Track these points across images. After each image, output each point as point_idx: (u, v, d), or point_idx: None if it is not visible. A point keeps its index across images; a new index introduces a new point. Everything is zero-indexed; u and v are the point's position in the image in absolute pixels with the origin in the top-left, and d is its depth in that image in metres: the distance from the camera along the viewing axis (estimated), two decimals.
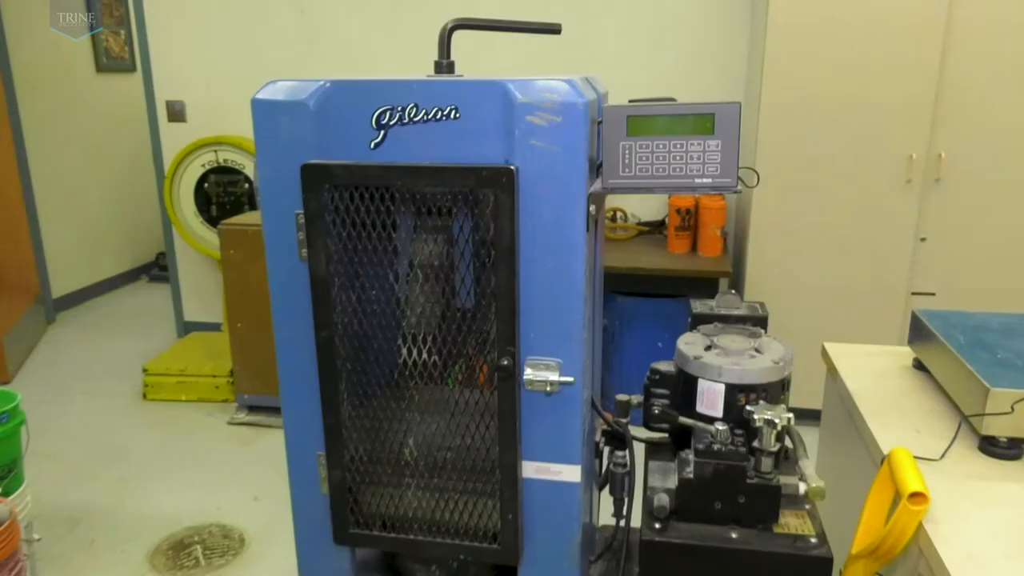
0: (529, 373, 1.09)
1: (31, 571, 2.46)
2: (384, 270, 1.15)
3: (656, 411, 1.23)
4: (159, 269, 6.10)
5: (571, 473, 1.15)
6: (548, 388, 1.09)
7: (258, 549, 2.81)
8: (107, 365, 4.54)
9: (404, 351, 1.15)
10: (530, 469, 1.15)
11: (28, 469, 2.53)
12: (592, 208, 1.07)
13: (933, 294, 3.14)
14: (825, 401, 1.90)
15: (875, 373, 1.67)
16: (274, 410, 3.75)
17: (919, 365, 1.68)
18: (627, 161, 1.06)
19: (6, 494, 2.31)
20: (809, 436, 1.27)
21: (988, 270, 3.13)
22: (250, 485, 3.22)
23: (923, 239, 3.12)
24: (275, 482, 3.24)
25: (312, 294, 1.11)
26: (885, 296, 3.17)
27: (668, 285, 3.25)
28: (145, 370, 4.01)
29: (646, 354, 1.30)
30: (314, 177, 1.06)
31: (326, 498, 1.22)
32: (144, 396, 4.02)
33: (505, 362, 1.07)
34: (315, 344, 1.14)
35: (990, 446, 1.32)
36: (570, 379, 1.09)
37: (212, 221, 4.46)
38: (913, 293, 3.16)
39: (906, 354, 1.75)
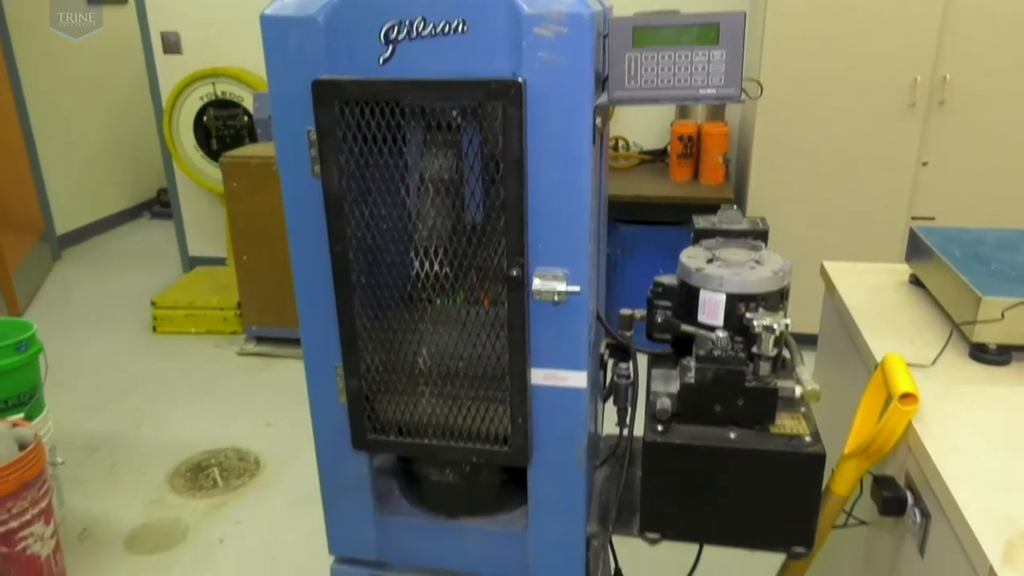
0: (537, 283, 1.13)
1: (57, 492, 2.56)
2: (395, 185, 1.18)
3: (659, 319, 1.28)
4: (161, 206, 6.11)
5: (577, 379, 1.20)
6: (555, 298, 1.13)
7: (273, 470, 2.92)
8: (115, 300, 4.60)
9: (416, 264, 1.19)
10: (538, 376, 1.20)
11: (46, 399, 2.61)
12: (598, 120, 1.09)
13: (933, 219, 3.17)
14: (822, 319, 1.95)
15: (872, 288, 1.72)
16: (282, 341, 3.82)
17: (915, 281, 1.72)
18: (633, 73, 1.08)
19: (28, 419, 2.39)
20: (806, 360, 1.31)
21: (989, 195, 3.15)
22: (262, 412, 3.32)
23: (925, 163, 3.13)
24: (286, 409, 3.34)
25: (326, 209, 1.14)
26: (885, 221, 3.20)
27: (670, 212, 3.28)
28: (153, 303, 4.08)
29: (649, 281, 1.34)
30: (325, 92, 1.08)
31: (343, 408, 1.28)
32: (154, 329, 4.10)
33: (514, 273, 1.11)
34: (330, 259, 1.17)
35: (980, 353, 1.37)
36: (576, 288, 1.13)
37: (213, 155, 4.46)
38: (913, 218, 3.19)
39: (903, 271, 1.79)
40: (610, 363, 1.42)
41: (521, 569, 1.34)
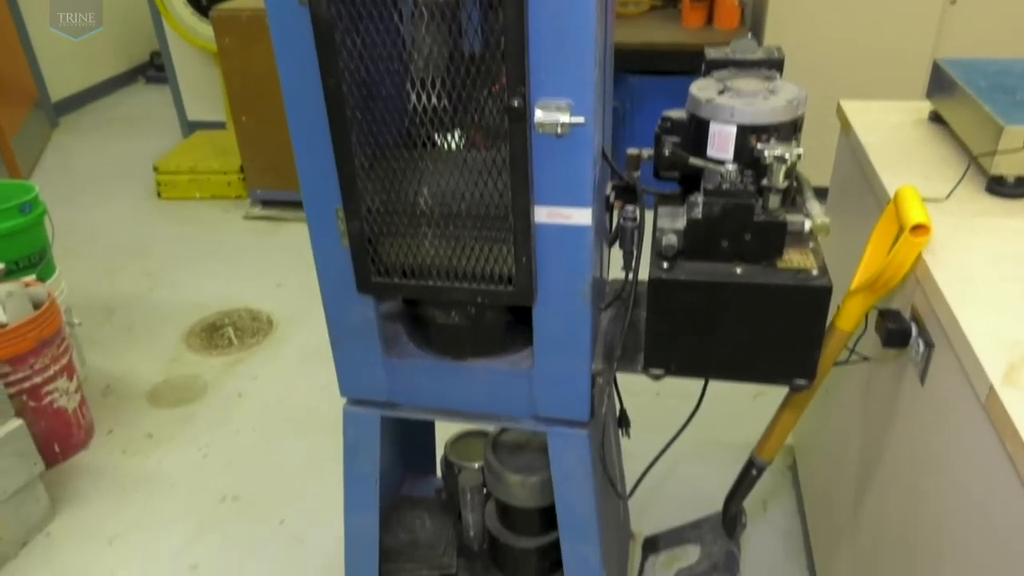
0: (540, 115, 1.08)
1: (78, 352, 2.63)
2: (388, 11, 1.11)
3: (667, 153, 1.23)
4: (155, 70, 5.92)
5: (582, 216, 1.17)
6: (559, 130, 1.08)
7: (285, 329, 2.98)
8: (117, 167, 4.56)
9: (413, 97, 1.14)
10: (542, 214, 1.18)
11: (57, 264, 2.63)
12: None
13: None
14: (836, 162, 1.90)
15: (889, 126, 1.65)
16: (288, 204, 3.80)
17: (936, 118, 1.66)
18: None
19: (41, 280, 2.41)
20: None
21: (1020, 37, 2.98)
22: (271, 274, 3.35)
23: (953, 1, 2.94)
24: (295, 270, 3.36)
25: (315, 39, 1.08)
26: (908, 63, 3.05)
27: (682, 60, 3.13)
28: (156, 168, 4.03)
29: None
30: None
31: (346, 252, 1.27)
32: (159, 195, 4.07)
33: (516, 103, 1.06)
34: (323, 95, 1.12)
35: (997, 186, 1.34)
36: (580, 119, 1.08)
37: (203, 11, 4.25)
38: None
39: (923, 108, 1.72)
40: (616, 207, 1.39)
41: (528, 406, 1.37)
